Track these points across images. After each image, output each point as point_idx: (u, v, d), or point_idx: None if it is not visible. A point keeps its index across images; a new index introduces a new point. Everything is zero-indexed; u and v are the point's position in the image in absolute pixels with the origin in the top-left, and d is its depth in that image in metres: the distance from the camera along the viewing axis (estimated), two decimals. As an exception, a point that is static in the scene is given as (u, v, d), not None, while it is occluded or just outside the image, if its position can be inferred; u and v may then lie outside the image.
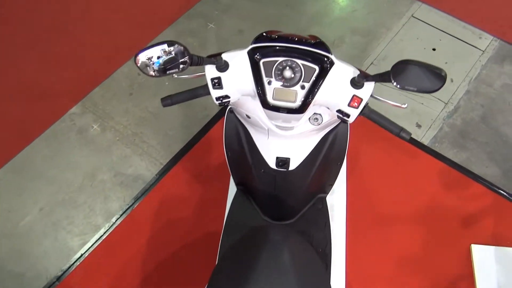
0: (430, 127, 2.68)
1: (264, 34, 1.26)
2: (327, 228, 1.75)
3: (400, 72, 1.02)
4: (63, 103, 2.87)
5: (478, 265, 2.22)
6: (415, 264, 2.25)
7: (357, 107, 1.22)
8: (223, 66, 1.22)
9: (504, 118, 2.69)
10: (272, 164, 1.44)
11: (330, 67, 1.19)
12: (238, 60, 1.23)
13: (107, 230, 2.40)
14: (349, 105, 1.22)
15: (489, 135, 2.64)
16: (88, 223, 2.45)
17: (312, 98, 1.20)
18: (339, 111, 1.26)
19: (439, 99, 2.78)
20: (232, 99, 1.30)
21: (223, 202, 2.35)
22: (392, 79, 1.04)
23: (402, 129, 1.27)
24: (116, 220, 2.42)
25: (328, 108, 1.28)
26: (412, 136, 2.59)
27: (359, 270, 2.23)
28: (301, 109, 1.22)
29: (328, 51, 1.22)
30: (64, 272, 2.29)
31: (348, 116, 1.25)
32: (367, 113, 1.27)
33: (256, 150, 1.48)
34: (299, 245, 1.40)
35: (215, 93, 1.26)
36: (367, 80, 1.17)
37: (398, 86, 1.04)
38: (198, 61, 1.12)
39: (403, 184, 2.49)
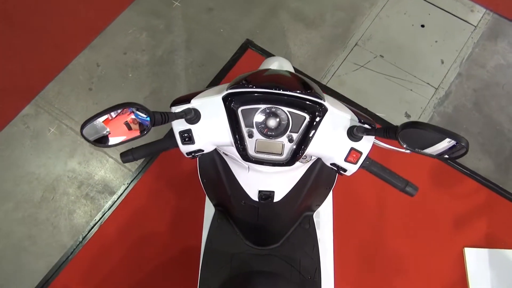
0: (420, 117, 2.48)
1: (243, 81, 1.03)
2: (315, 251, 1.59)
3: (410, 136, 0.85)
4: (13, 104, 2.53)
5: (471, 269, 2.14)
6: (408, 271, 2.14)
7: (355, 163, 1.06)
8: (193, 118, 1.03)
9: (498, 103, 2.52)
10: (254, 197, 1.25)
11: (323, 115, 1.01)
12: (212, 108, 1.04)
13: (74, 250, 2.18)
14: (346, 159, 1.05)
15: (482, 124, 2.47)
16: (52, 242, 2.23)
17: (303, 152, 1.03)
18: (333, 164, 1.08)
19: (428, 83, 2.57)
20: (206, 151, 1.12)
21: (200, 212, 2.16)
22: (400, 139, 0.85)
23: (407, 183, 1.08)
24: (83, 239, 2.20)
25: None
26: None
27: (349, 281, 2.11)
28: (290, 162, 1.05)
29: (320, 96, 1.01)
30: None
31: (344, 170, 1.08)
32: (367, 166, 1.09)
33: (236, 182, 1.29)
34: None
35: (185, 148, 1.09)
36: (368, 134, 0.99)
37: (408, 149, 0.87)
38: (163, 119, 0.92)
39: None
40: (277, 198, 1.24)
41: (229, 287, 1.39)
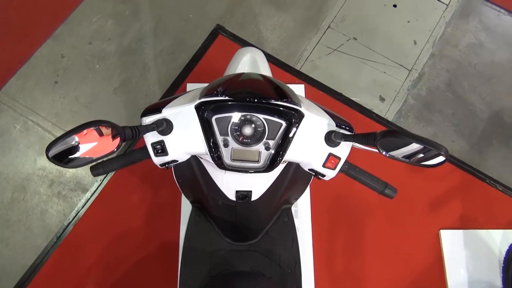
0: (394, 100, 2.48)
1: (216, 90, 0.99)
2: (294, 244, 1.59)
3: (389, 143, 0.86)
4: (-26, 101, 2.42)
5: (447, 251, 2.19)
6: (385, 256, 2.17)
7: (333, 168, 1.05)
8: (165, 129, 1.00)
9: (470, 84, 2.53)
10: (231, 196, 1.23)
11: (300, 121, 1.00)
12: (184, 118, 1.02)
13: (49, 251, 2.13)
14: (324, 165, 1.05)
15: (455, 104, 2.48)
16: (26, 244, 2.17)
17: (281, 159, 1.02)
18: (312, 170, 1.07)
19: (402, 65, 2.56)
20: (180, 161, 1.10)
21: (177, 206, 2.14)
22: (378, 147, 0.86)
23: (386, 185, 1.08)
24: (57, 239, 2.15)
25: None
26: (376, 112, 2.47)
27: (328, 267, 2.13)
28: (267, 169, 1.04)
29: (296, 102, 1.00)
30: (5, 305, 2.05)
31: (323, 176, 1.08)
32: (346, 170, 1.08)
33: (212, 183, 1.27)
34: None
35: (158, 160, 1.06)
36: (346, 140, 0.99)
37: (387, 155, 0.87)
38: (133, 134, 0.91)
39: (365, 168, 2.31)
40: (254, 197, 1.23)
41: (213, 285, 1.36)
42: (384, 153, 0.86)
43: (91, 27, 2.60)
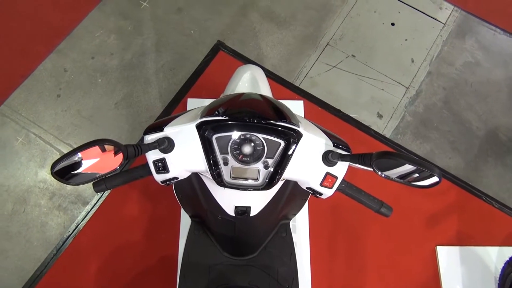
0: (391, 117, 2.52)
1: (217, 110, 1.03)
2: (292, 259, 1.59)
3: (385, 163, 0.89)
4: (-23, 113, 2.45)
5: (443, 267, 2.20)
6: (382, 272, 2.19)
7: (330, 187, 1.08)
8: (167, 147, 1.03)
9: (466, 101, 2.57)
10: (230, 212, 1.25)
11: (298, 141, 1.03)
12: (185, 136, 1.05)
13: (48, 263, 2.14)
14: (321, 184, 1.07)
15: (451, 122, 2.52)
16: (25, 256, 2.18)
17: (279, 177, 1.04)
18: (309, 188, 1.10)
19: (399, 83, 2.60)
20: (181, 178, 1.14)
21: (176, 219, 2.16)
22: (374, 167, 0.89)
23: (382, 204, 1.12)
24: (57, 251, 2.16)
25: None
26: (374, 129, 2.50)
27: (326, 282, 2.14)
28: (266, 187, 1.06)
29: (294, 123, 1.03)
30: (4, 317, 2.06)
31: (320, 194, 1.11)
32: (343, 189, 1.12)
33: (212, 198, 1.29)
34: None
35: (159, 177, 1.09)
36: (343, 160, 1.02)
37: (383, 175, 0.90)
38: (136, 152, 0.94)
39: (363, 184, 2.33)
40: (253, 212, 1.25)
41: None
42: (379, 173, 0.88)
43: (93, 41, 2.64)
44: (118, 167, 0.89)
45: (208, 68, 2.57)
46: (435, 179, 0.85)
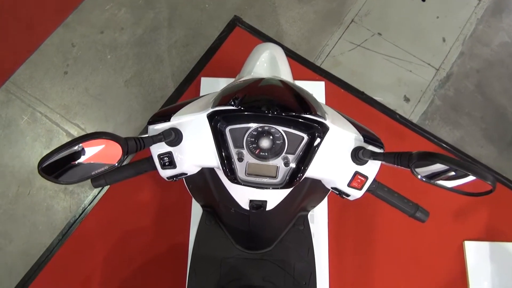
0: (419, 101, 2.34)
1: (232, 99, 0.91)
2: (310, 254, 1.49)
3: (426, 164, 0.76)
4: (-19, 90, 2.34)
5: (471, 262, 2.06)
6: (405, 267, 2.06)
7: (360, 188, 0.97)
8: (174, 140, 0.92)
9: (501, 85, 2.37)
10: (245, 205, 1.13)
11: (324, 135, 0.91)
12: (195, 128, 0.94)
13: (53, 248, 2.05)
14: (349, 184, 0.96)
15: (484, 107, 2.34)
16: (30, 241, 2.10)
17: (301, 176, 0.93)
18: (335, 189, 1.00)
19: (429, 64, 2.41)
20: (190, 174, 1.03)
21: (187, 206, 2.05)
22: (413, 170, 0.76)
23: (417, 208, 1.01)
24: (62, 236, 2.07)
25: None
26: (399, 113, 2.34)
27: (345, 277, 2.02)
28: (286, 186, 0.95)
29: (321, 115, 0.91)
30: (8, 303, 1.98)
31: (347, 195, 1.00)
32: (373, 190, 1.00)
33: (224, 190, 1.17)
34: None
35: (165, 173, 0.99)
36: (375, 159, 0.89)
37: (423, 180, 0.77)
38: (138, 147, 0.82)
39: (388, 173, 2.19)
40: (269, 207, 1.13)
41: None
42: (419, 177, 0.76)
43: (103, 15, 2.50)
44: (116, 164, 0.77)
45: (223, 45, 2.41)
46: (487, 187, 0.72)
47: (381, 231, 2.10)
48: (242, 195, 1.13)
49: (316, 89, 2.27)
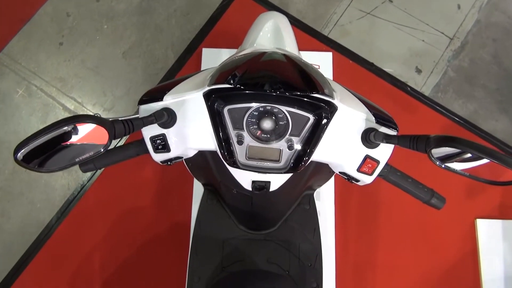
0: (432, 72, 2.23)
1: (230, 76, 0.83)
2: (316, 234, 1.43)
3: (445, 149, 0.70)
4: (-27, 62, 2.24)
5: (483, 241, 2.00)
6: (415, 246, 2.00)
7: (370, 174, 0.91)
8: (168, 121, 0.86)
9: (519, 55, 2.25)
10: (247, 186, 1.07)
11: (332, 115, 0.84)
12: (190, 108, 0.87)
13: (52, 226, 2.00)
14: (359, 169, 0.91)
15: (501, 79, 2.22)
16: (28, 219, 2.05)
17: (307, 159, 0.86)
18: (343, 173, 0.95)
19: (443, 33, 2.28)
20: (186, 157, 1.00)
21: (189, 183, 1.98)
22: (431, 156, 0.70)
23: (433, 194, 0.94)
24: (61, 214, 2.01)
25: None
26: (411, 85, 2.23)
27: (352, 257, 1.97)
28: (291, 171, 0.89)
29: (329, 93, 0.83)
30: (8, 281, 1.95)
31: (357, 181, 0.96)
32: (385, 175, 0.94)
33: (226, 170, 1.10)
34: None
35: (158, 157, 0.94)
36: (388, 142, 0.82)
37: (442, 166, 0.71)
38: (127, 130, 0.74)
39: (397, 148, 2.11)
40: (273, 187, 1.06)
41: (222, 286, 1.26)
42: (437, 163, 0.70)
43: (99, -18, 2.37)
44: (101, 150, 0.69)
45: (225, 13, 2.29)
46: None
47: (389, 208, 2.03)
48: (244, 176, 1.06)
49: (323, 60, 2.16)
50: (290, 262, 1.33)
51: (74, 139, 0.69)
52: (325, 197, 2.00)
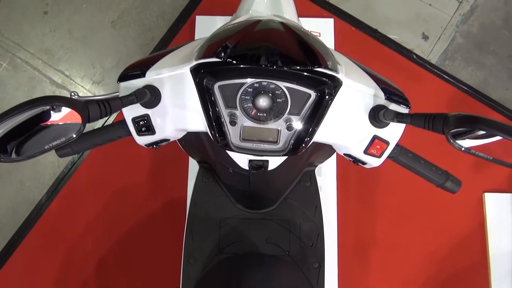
0: (439, 38, 2.11)
1: (220, 48, 0.74)
2: (317, 212, 1.38)
3: (465, 130, 0.62)
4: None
5: (491, 216, 1.94)
6: (420, 221, 1.93)
7: (378, 156, 0.84)
8: (151, 100, 0.77)
9: (533, 19, 2.13)
10: (244, 165, 1.01)
11: (336, 91, 0.75)
12: (176, 86, 0.79)
13: (43, 205, 1.93)
14: (366, 151, 0.83)
15: (512, 44, 2.10)
16: (17, 198, 1.98)
17: (309, 140, 0.78)
18: (349, 155, 0.87)
19: (451, -4, 2.16)
20: (173, 140, 0.91)
21: (185, 159, 1.91)
22: (449, 137, 0.62)
23: (447, 177, 0.85)
24: (52, 193, 1.94)
25: None
26: (417, 53, 2.12)
27: (354, 234, 1.90)
28: (290, 153, 0.82)
29: (333, 67, 0.75)
30: (-2, 263, 1.90)
31: (363, 163, 0.88)
32: (395, 156, 0.86)
33: (221, 149, 1.02)
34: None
35: (142, 140, 0.86)
36: (400, 121, 0.73)
37: (462, 149, 0.63)
38: (103, 112, 0.63)
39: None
40: (271, 166, 1.01)
41: (219, 271, 1.22)
42: (457, 146, 0.62)
43: None
44: (74, 135, 0.59)
45: (221, -23, 2.15)
46: None
47: (394, 182, 1.95)
48: (241, 155, 1.00)
49: (323, 27, 2.04)
50: (290, 242, 1.29)
51: (48, 121, 0.60)
52: (326, 172, 1.92)
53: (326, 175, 1.90)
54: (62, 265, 1.89)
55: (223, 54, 0.73)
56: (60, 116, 0.60)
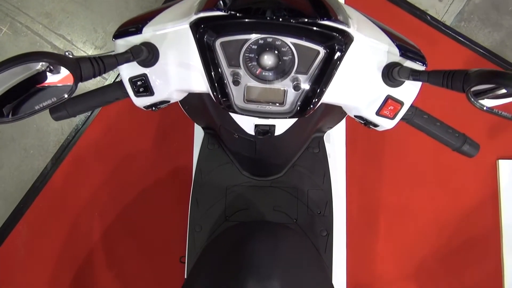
0: (454, -1, 2.03)
1: (224, 1, 0.71)
2: (326, 180, 1.38)
3: (487, 87, 0.57)
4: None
5: (504, 184, 1.91)
6: (431, 187, 1.91)
7: (392, 117, 0.80)
8: (148, 58, 0.73)
9: (555, -24, 2.03)
10: (249, 131, 1.00)
11: (347, 48, 0.71)
12: (174, 42, 0.75)
13: (48, 173, 1.92)
14: (378, 113, 0.79)
15: (532, 4, 2.02)
16: (22, 166, 1.96)
17: (317, 101, 0.75)
18: (359, 117, 0.84)
19: (468, -47, 2.05)
20: (174, 101, 0.85)
21: (190, 125, 1.87)
22: (470, 96, 0.57)
23: (465, 140, 0.83)
24: (56, 160, 1.92)
25: None
26: (431, 14, 2.03)
27: (363, 201, 1.88)
28: (297, 115, 0.79)
29: (344, 21, 0.71)
30: (4, 231, 1.89)
31: (375, 126, 0.85)
32: (409, 118, 0.82)
33: (226, 113, 1.01)
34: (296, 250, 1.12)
35: (140, 101, 0.81)
36: (416, 79, 0.68)
37: (484, 109, 0.58)
38: (96, 70, 0.59)
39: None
40: (278, 131, 0.98)
41: (225, 239, 1.20)
42: (478, 105, 0.57)
43: None
44: (65, 95, 0.57)
45: None
46: None
47: (404, 148, 1.92)
48: (246, 119, 0.98)
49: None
50: (298, 210, 1.29)
51: (43, 83, 0.58)
52: (335, 139, 1.88)
53: (335, 141, 1.85)
54: (68, 232, 1.89)
55: (224, 7, 0.68)
56: (54, 77, 0.57)
